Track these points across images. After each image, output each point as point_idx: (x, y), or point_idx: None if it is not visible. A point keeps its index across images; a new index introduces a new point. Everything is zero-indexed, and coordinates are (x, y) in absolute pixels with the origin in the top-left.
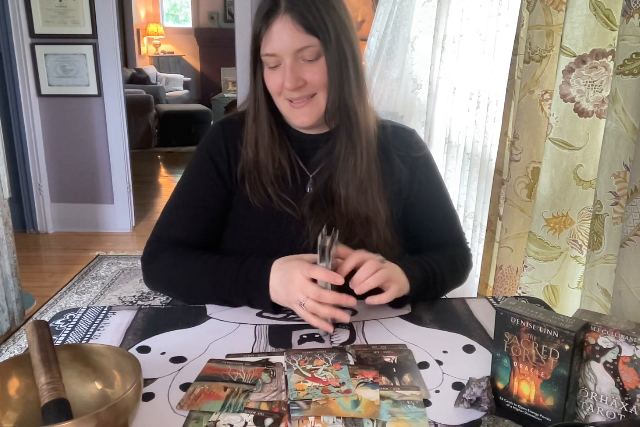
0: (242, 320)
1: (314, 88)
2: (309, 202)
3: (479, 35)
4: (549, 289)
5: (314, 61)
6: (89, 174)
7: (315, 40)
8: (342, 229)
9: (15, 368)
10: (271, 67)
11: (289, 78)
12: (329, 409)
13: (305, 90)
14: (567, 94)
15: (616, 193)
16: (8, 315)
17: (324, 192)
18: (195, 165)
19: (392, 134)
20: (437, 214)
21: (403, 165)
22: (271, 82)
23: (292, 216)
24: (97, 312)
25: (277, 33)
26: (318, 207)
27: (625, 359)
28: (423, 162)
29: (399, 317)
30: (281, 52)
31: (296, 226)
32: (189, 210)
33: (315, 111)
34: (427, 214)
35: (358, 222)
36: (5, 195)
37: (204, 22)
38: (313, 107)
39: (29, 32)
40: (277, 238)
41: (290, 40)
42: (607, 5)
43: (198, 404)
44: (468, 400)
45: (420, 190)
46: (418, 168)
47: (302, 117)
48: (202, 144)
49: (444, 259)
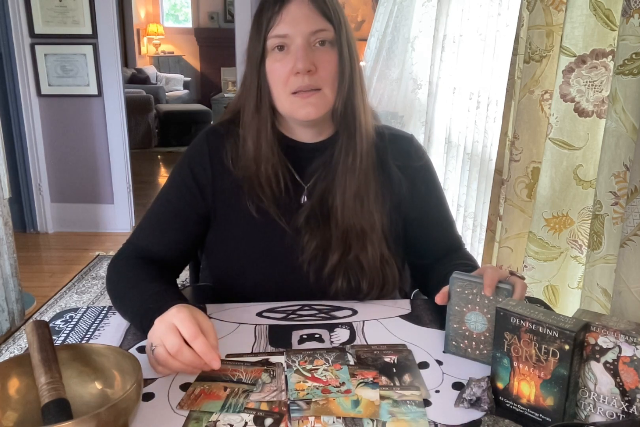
0: (242, 320)
1: (322, 80)
2: (305, 216)
3: (479, 35)
4: (549, 289)
5: (326, 48)
6: (89, 174)
7: (329, 26)
8: (337, 243)
9: (15, 368)
10: (278, 50)
11: (302, 58)
12: (329, 409)
13: (313, 79)
14: (567, 94)
15: (616, 193)
16: (8, 315)
17: (320, 205)
18: (175, 175)
19: (390, 142)
20: (439, 225)
21: (402, 176)
22: (278, 69)
23: (284, 229)
24: (97, 312)
25: (292, 13)
26: (313, 221)
27: (625, 359)
28: (423, 172)
29: (399, 317)
30: (294, 33)
31: (290, 240)
32: (161, 220)
33: (322, 103)
34: (429, 226)
35: (353, 234)
36: (5, 195)
37: (204, 22)
38: (319, 99)
39: (29, 32)
40: (269, 252)
41: (306, 21)
42: (607, 5)
43: (198, 404)
44: (468, 400)
45: (421, 203)
46: (418, 179)
47: (308, 107)
48: (186, 154)
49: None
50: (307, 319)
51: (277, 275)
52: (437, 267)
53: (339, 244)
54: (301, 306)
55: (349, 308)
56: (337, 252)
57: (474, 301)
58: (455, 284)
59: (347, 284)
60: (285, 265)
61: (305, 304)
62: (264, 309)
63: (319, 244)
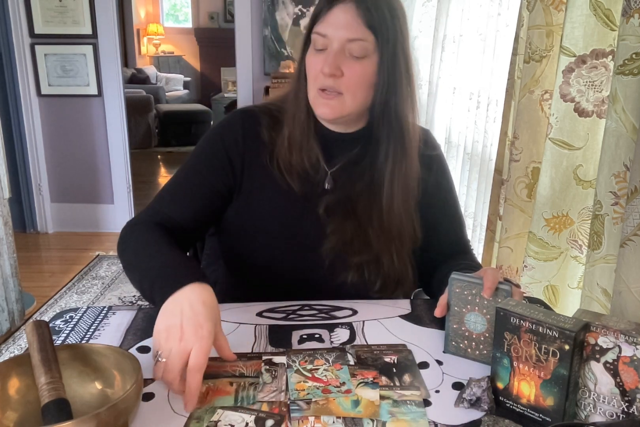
0: (242, 320)
1: (345, 86)
2: (327, 203)
3: (479, 35)
4: (549, 289)
5: (360, 59)
6: (89, 174)
7: (370, 37)
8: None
9: (15, 368)
10: (317, 49)
11: (330, 63)
12: (329, 409)
13: (338, 83)
14: (567, 94)
15: (616, 193)
16: (8, 315)
17: (345, 197)
18: (205, 146)
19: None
20: (449, 219)
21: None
22: (312, 64)
23: (306, 212)
24: (97, 312)
25: (335, 16)
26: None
27: (625, 359)
28: (437, 161)
29: (399, 317)
30: (332, 36)
31: (309, 224)
32: (186, 188)
33: (339, 108)
34: (439, 217)
35: (389, 237)
36: (5, 195)
37: (204, 22)
38: (338, 103)
39: (29, 32)
40: (288, 232)
41: (346, 28)
42: (607, 5)
43: (209, 400)
44: (468, 400)
45: (432, 192)
46: (432, 168)
47: (325, 108)
48: (218, 129)
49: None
50: (307, 319)
51: (292, 256)
52: (443, 268)
53: (368, 244)
54: (301, 306)
55: (349, 308)
56: (364, 252)
57: (473, 301)
58: (455, 284)
59: (359, 277)
60: (301, 247)
61: (305, 304)
62: (264, 309)
63: (344, 239)
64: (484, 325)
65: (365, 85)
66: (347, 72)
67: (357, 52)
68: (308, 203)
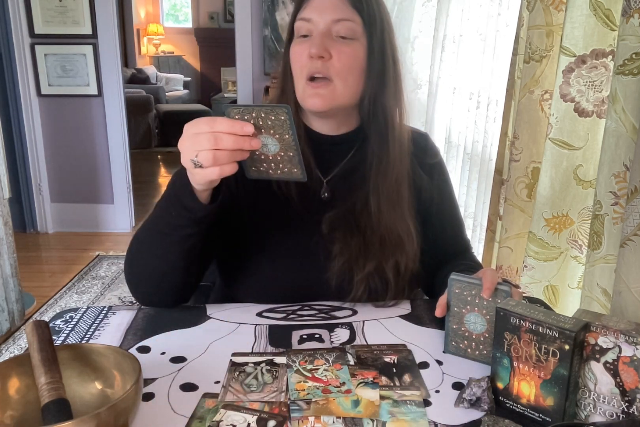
0: (242, 320)
1: (335, 70)
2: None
3: (479, 35)
4: (549, 289)
5: (348, 40)
6: (89, 174)
7: (357, 18)
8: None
9: (15, 368)
10: (302, 35)
11: (317, 44)
12: (329, 409)
13: (327, 66)
14: (567, 94)
15: (616, 193)
16: (8, 315)
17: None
18: None
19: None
20: (451, 226)
21: (422, 172)
22: (297, 52)
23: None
24: (97, 312)
25: (320, 0)
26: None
27: (625, 359)
28: (438, 169)
29: (399, 317)
30: (317, 19)
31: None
32: None
33: (330, 97)
34: (441, 225)
35: (389, 241)
36: (5, 195)
37: (204, 22)
38: (328, 91)
39: (29, 32)
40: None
41: (331, 8)
42: (607, 5)
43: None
44: (468, 400)
45: (436, 200)
46: (434, 176)
47: (315, 98)
48: None
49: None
50: (307, 319)
51: (293, 272)
52: (444, 269)
53: (371, 251)
54: (301, 306)
55: (349, 308)
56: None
57: (473, 302)
58: (454, 285)
59: (368, 294)
60: (302, 263)
61: (305, 304)
62: (264, 309)
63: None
64: (483, 325)
65: (357, 71)
66: (335, 55)
67: (344, 32)
68: (309, 219)
